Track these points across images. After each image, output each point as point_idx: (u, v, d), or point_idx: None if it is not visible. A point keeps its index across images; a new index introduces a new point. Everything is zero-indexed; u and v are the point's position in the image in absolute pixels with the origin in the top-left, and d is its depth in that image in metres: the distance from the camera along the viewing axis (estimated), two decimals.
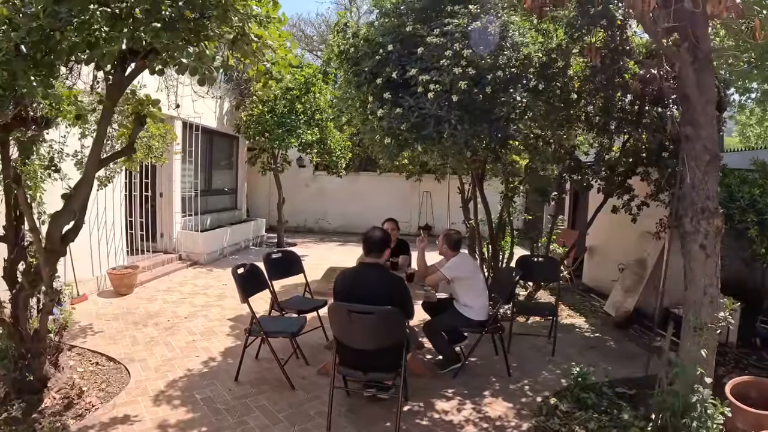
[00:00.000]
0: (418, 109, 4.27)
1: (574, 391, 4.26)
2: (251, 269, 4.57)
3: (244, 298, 4.19)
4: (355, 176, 13.49)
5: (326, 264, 9.25)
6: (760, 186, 5.15)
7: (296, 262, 5.48)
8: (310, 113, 10.21)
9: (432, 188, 14.15)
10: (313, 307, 5.07)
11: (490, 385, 4.59)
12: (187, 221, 9.25)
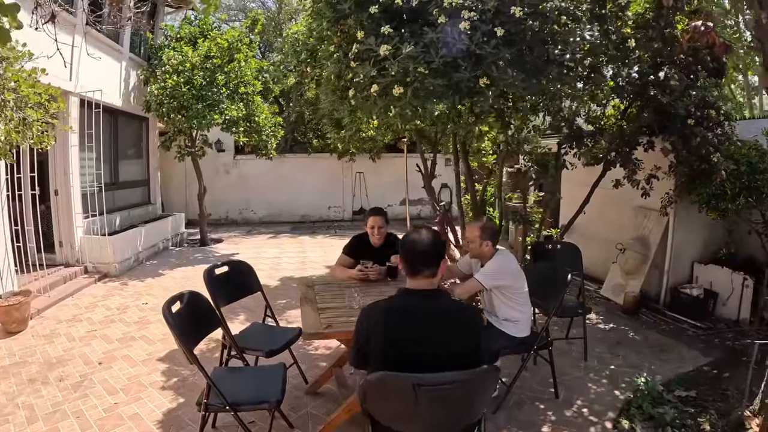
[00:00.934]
0: (445, 46, 2.87)
1: (643, 406, 3.55)
2: (190, 302, 2.82)
3: (189, 356, 2.50)
4: (280, 159, 11.87)
5: (263, 262, 8.14)
6: None
7: (249, 275, 3.84)
8: (234, 86, 8.50)
9: (366, 168, 12.99)
10: (287, 341, 3.41)
11: (542, 414, 3.57)
12: (92, 224, 7.25)
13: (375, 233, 3.84)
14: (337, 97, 4.28)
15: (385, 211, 4.06)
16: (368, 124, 6.03)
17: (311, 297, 3.15)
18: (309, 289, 3.38)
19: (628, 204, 6.33)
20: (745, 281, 5.35)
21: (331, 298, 3.18)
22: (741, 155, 4.99)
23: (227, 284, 3.50)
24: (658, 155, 5.23)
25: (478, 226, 3.42)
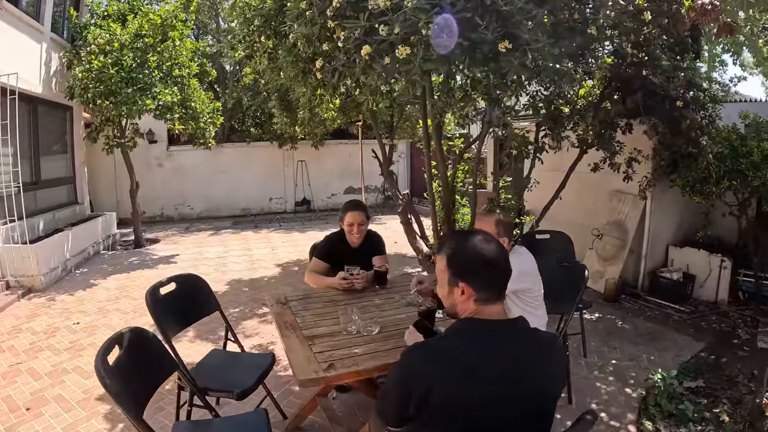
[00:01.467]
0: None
1: (662, 403, 3.29)
2: (133, 345, 2.00)
3: (138, 426, 1.74)
4: (218, 149, 10.87)
5: (207, 263, 7.31)
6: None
7: (203, 292, 3.00)
8: (168, 68, 7.50)
9: (308, 157, 12.25)
10: (259, 376, 2.66)
11: (561, 425, 3.10)
12: (10, 230, 6.13)
13: (354, 231, 3.22)
14: (298, 71, 3.61)
15: (364, 205, 3.45)
16: (328, 105, 5.37)
17: (291, 320, 2.49)
18: (284, 308, 2.71)
19: (602, 188, 6.07)
20: (723, 263, 5.26)
21: (317, 319, 2.54)
22: (722, 138, 4.89)
23: (177, 306, 2.74)
24: (636, 138, 5.05)
25: (492, 220, 2.82)
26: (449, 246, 1.57)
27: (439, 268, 1.57)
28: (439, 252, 1.60)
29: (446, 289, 1.54)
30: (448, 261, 1.52)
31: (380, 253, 3.41)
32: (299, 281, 6.03)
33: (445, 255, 1.54)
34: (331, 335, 2.30)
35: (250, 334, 4.41)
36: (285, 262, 7.04)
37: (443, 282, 1.55)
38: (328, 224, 10.39)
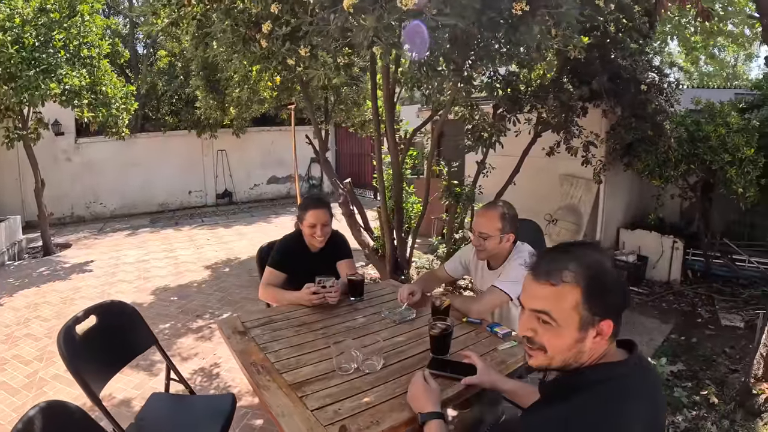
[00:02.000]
0: None
1: None
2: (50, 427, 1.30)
3: None
4: (131, 140, 9.60)
5: (126, 269, 6.17)
6: (723, 125, 4.62)
7: (131, 320, 2.25)
8: (76, 47, 6.32)
9: (228, 146, 11.28)
10: (222, 427, 2.00)
11: None
12: None
13: (318, 234, 2.63)
14: (237, 39, 2.93)
15: (327, 201, 2.87)
16: (266, 82, 4.63)
17: (261, 359, 1.86)
18: (245, 340, 2.06)
19: (553, 173, 5.90)
20: (675, 244, 5.28)
21: (294, 353, 1.92)
22: (679, 123, 4.85)
23: (100, 348, 2.02)
24: (590, 121, 4.85)
25: (497, 214, 2.38)
26: (580, 270, 1.05)
27: (564, 307, 1.05)
28: (552, 279, 1.06)
29: (573, 334, 1.04)
30: (586, 294, 1.03)
31: (346, 256, 2.86)
32: (233, 285, 5.30)
33: (578, 284, 1.03)
34: (324, 378, 1.72)
35: (188, 356, 3.69)
36: (214, 263, 6.22)
37: (567, 323, 1.05)
38: (253, 217, 9.57)
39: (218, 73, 4.99)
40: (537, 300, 1.09)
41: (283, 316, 2.31)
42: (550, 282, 1.06)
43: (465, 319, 2.31)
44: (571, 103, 4.59)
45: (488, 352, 1.99)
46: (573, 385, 1.08)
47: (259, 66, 3.79)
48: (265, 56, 2.98)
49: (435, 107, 5.09)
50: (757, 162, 4.31)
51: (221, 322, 2.24)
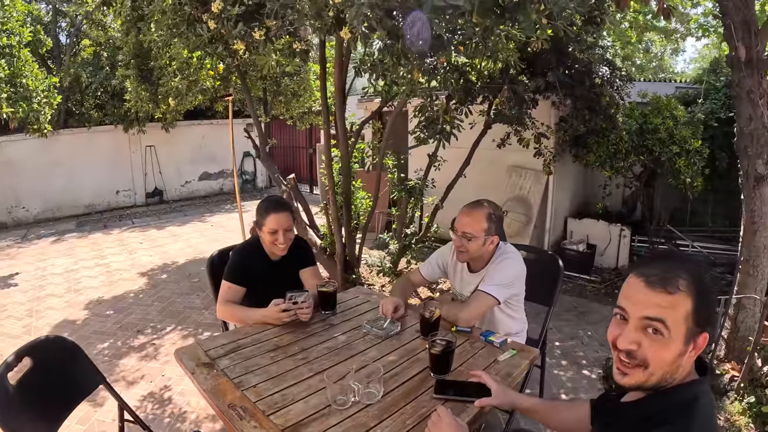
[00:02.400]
0: None
1: None
2: None
3: None
4: (54, 137, 8.62)
5: (55, 281, 5.33)
6: (670, 118, 4.78)
7: (74, 358, 1.84)
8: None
9: (157, 141, 10.46)
10: None
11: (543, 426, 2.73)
12: None
13: (280, 241, 2.31)
14: (181, 20, 2.55)
15: (288, 204, 2.56)
16: (208, 71, 4.18)
17: (239, 398, 1.55)
18: (213, 374, 1.73)
19: (501, 164, 5.88)
20: (622, 231, 5.40)
21: (275, 387, 1.63)
22: (627, 115, 4.97)
23: (39, 396, 1.62)
24: (540, 112, 4.84)
25: (483, 214, 2.20)
26: (692, 279, 0.99)
27: (677, 317, 0.98)
28: (669, 286, 0.98)
29: (680, 346, 0.99)
30: (696, 304, 0.98)
31: (311, 263, 2.58)
32: (173, 294, 4.83)
33: (690, 293, 0.98)
34: (321, 416, 1.45)
35: (134, 380, 3.24)
36: (149, 269, 5.65)
37: (678, 334, 0.98)
38: (186, 216, 8.92)
39: (152, 62, 4.45)
40: (652, 308, 0.99)
41: (252, 339, 1.99)
42: (666, 289, 0.98)
43: (454, 329, 2.13)
44: (524, 96, 4.56)
45: (490, 365, 1.83)
46: (673, 404, 1.00)
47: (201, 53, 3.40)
48: (210, 40, 2.62)
49: (386, 98, 4.87)
50: (703, 153, 4.47)
51: (179, 353, 1.88)
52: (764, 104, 2.62)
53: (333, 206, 4.52)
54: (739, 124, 2.79)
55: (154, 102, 5.10)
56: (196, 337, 3.86)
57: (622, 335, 1.03)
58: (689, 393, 1.01)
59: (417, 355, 1.88)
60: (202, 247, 6.60)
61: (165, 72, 4.25)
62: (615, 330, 1.06)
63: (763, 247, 2.73)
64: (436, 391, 1.59)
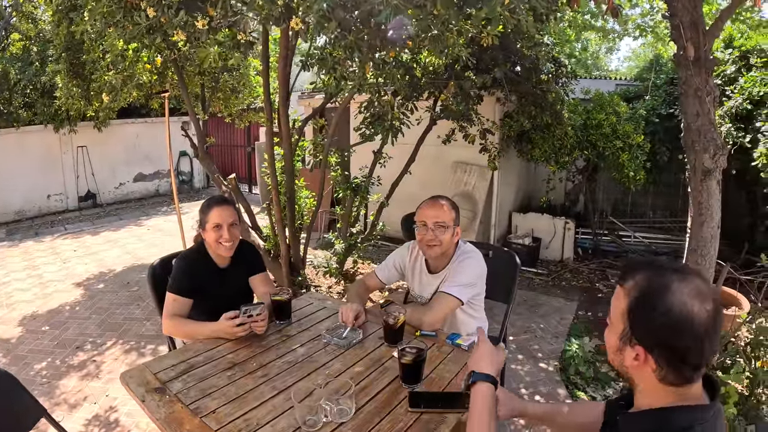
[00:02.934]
0: None
1: (582, 370, 3.27)
2: None
3: None
4: None
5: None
6: (613, 114, 4.92)
7: (11, 391, 1.60)
8: None
9: (89, 141, 9.75)
10: None
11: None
12: None
13: (224, 237, 2.15)
14: (117, 8, 2.30)
15: (232, 200, 2.39)
16: (144, 65, 3.84)
17: (197, 427, 1.38)
18: (169, 401, 1.53)
19: (446, 160, 5.88)
20: (567, 224, 5.53)
21: (237, 411, 1.47)
22: (571, 111, 5.06)
23: None
24: (484, 108, 4.80)
25: (448, 204, 2.20)
26: (639, 283, 0.99)
27: (617, 306, 1.04)
28: (620, 278, 1.04)
29: (616, 340, 1.05)
30: (632, 307, 1.00)
31: (260, 270, 2.43)
32: (112, 305, 4.48)
33: (629, 295, 1.01)
34: None
35: (76, 402, 2.93)
36: (85, 279, 5.21)
37: (615, 325, 1.05)
38: (122, 220, 8.35)
39: (84, 55, 4.04)
40: (613, 297, 1.05)
41: (204, 357, 1.81)
42: (619, 283, 1.03)
43: (418, 333, 2.05)
44: (471, 92, 4.54)
45: (462, 369, 1.75)
46: (666, 428, 0.95)
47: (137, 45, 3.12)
48: (149, 30, 2.38)
49: (334, 92, 4.72)
50: (645, 148, 4.63)
51: (126, 377, 1.67)
52: (710, 101, 2.71)
53: (276, 206, 4.33)
54: (686, 120, 2.87)
55: (86, 99, 4.66)
56: (145, 362, 3.58)
57: None
58: (685, 419, 0.94)
59: (384, 364, 1.79)
60: (140, 253, 6.19)
61: (98, 66, 3.88)
62: None
63: (710, 237, 2.84)
64: (411, 404, 1.50)
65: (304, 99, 7.42)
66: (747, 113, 4.22)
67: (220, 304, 2.11)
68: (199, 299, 2.17)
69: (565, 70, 4.56)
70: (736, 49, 4.63)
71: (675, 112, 5.05)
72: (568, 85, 4.66)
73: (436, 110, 4.70)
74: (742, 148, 4.03)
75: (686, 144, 2.90)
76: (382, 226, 5.02)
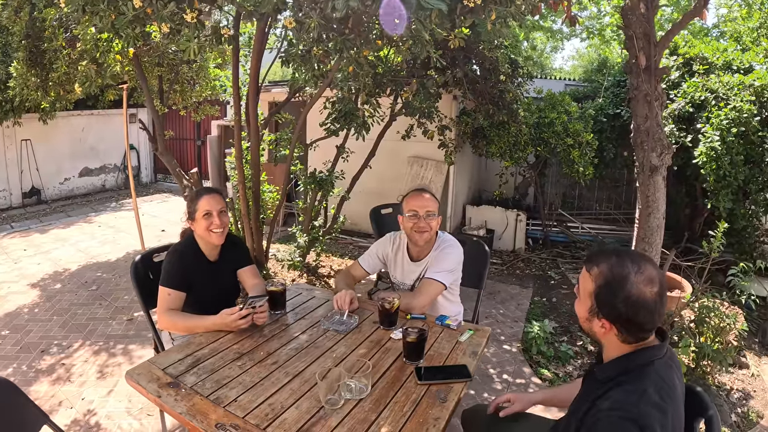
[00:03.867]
0: None
1: (543, 349, 3.48)
2: None
3: None
4: None
5: None
6: (564, 113, 5.17)
7: (13, 400, 1.50)
8: None
9: (33, 134, 9.09)
10: None
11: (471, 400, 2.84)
12: None
13: (215, 224, 2.17)
14: None
15: (219, 189, 2.39)
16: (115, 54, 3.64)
17: (226, 418, 1.39)
18: (186, 394, 1.53)
19: (402, 155, 6.00)
20: (519, 217, 5.78)
21: (258, 398, 1.51)
22: (525, 110, 5.25)
23: None
24: (441, 105, 4.91)
25: (430, 193, 2.38)
26: (603, 272, 1.24)
27: (585, 287, 1.29)
28: (586, 265, 1.29)
29: (584, 312, 1.30)
30: (597, 291, 1.26)
31: (249, 262, 2.47)
32: (72, 305, 4.27)
33: (593, 281, 1.26)
34: (319, 419, 1.38)
35: (52, 408, 2.77)
36: (40, 279, 4.89)
37: (583, 300, 1.30)
38: (70, 217, 7.86)
39: (45, 44, 3.75)
40: (581, 276, 1.29)
41: (210, 350, 1.82)
42: (585, 266, 1.25)
43: (409, 317, 2.16)
44: (432, 90, 4.66)
45: (455, 347, 1.90)
46: (630, 367, 1.18)
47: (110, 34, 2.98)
48: (132, 21, 2.31)
49: (296, 88, 4.70)
50: (593, 145, 4.93)
51: (132, 375, 1.64)
52: (658, 105, 2.97)
53: (243, 200, 4.27)
54: (635, 121, 3.13)
55: (43, 89, 4.34)
56: (149, 359, 3.44)
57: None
58: (644, 357, 1.18)
59: (384, 345, 1.88)
60: (93, 251, 5.88)
61: (59, 55, 3.63)
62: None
63: (656, 227, 3.11)
64: (420, 378, 1.62)
65: (261, 92, 7.28)
66: (688, 115, 4.58)
67: (207, 298, 2.16)
68: (191, 293, 2.16)
69: (521, 71, 4.76)
70: (680, 56, 5.00)
71: (621, 113, 5.43)
72: (523, 85, 4.88)
73: (394, 108, 4.79)
74: (683, 147, 4.39)
75: (635, 143, 3.16)
76: (343, 219, 5.07)
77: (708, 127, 4.19)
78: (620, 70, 5.99)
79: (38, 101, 5.50)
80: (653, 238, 3.14)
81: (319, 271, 5.11)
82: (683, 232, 5.09)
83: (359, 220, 5.73)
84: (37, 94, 4.40)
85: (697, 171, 4.22)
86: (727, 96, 4.34)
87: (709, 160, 4.06)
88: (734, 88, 4.34)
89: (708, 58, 4.89)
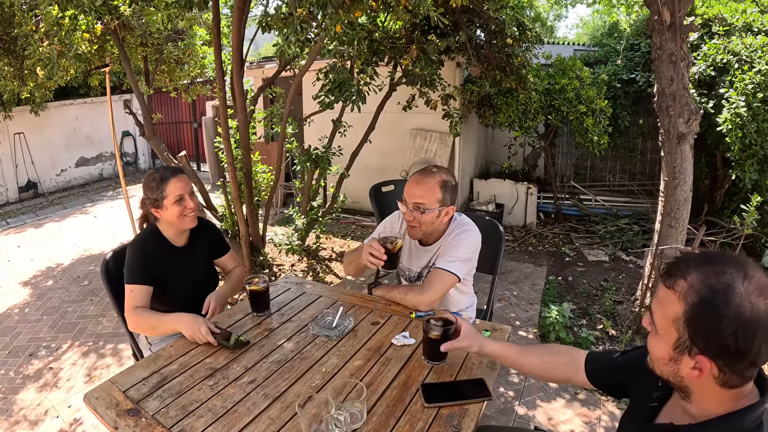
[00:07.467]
0: None
1: (562, 335, 3.21)
2: None
3: None
4: None
5: None
6: (576, 79, 4.79)
7: None
8: None
9: (26, 127, 8.84)
10: None
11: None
12: None
13: (189, 207, 1.92)
14: None
15: (180, 167, 2.12)
16: (83, 34, 3.33)
17: None
18: (146, 424, 1.28)
19: (404, 127, 5.66)
20: (529, 190, 5.47)
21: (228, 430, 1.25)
22: (535, 76, 4.87)
23: None
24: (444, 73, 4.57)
25: (436, 182, 1.91)
26: (695, 287, 0.82)
27: (666, 314, 0.87)
28: (666, 281, 0.86)
29: (667, 350, 0.89)
30: (690, 315, 0.83)
31: (226, 248, 2.25)
32: (63, 303, 4.06)
33: (684, 300, 0.84)
34: None
35: (37, 417, 2.58)
36: (32, 277, 4.69)
37: (664, 334, 0.88)
38: (66, 209, 7.64)
39: (15, 29, 3.44)
40: (655, 299, 0.90)
41: (179, 365, 1.54)
42: (665, 283, 0.86)
43: (413, 315, 1.86)
44: (433, 57, 4.30)
45: (470, 354, 1.58)
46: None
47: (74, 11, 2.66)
48: None
49: (287, 60, 4.36)
50: (607, 112, 4.58)
51: (90, 398, 1.38)
52: (684, 66, 2.62)
53: (234, 183, 3.98)
54: (660, 84, 2.78)
55: (19, 78, 4.03)
56: (111, 377, 3.23)
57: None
58: (751, 421, 0.82)
59: (385, 353, 1.60)
60: (88, 244, 5.67)
61: (31, 40, 3.32)
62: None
63: (684, 200, 2.80)
64: (427, 399, 1.32)
65: (253, 69, 6.94)
66: (710, 80, 4.22)
67: (182, 291, 1.95)
68: (162, 287, 1.91)
69: (529, 34, 4.38)
70: (699, 16, 4.60)
71: (636, 77, 5.03)
72: (531, 50, 4.51)
73: (393, 77, 4.44)
74: (705, 114, 4.05)
75: (660, 108, 2.82)
76: (343, 198, 4.76)
77: (732, 92, 3.82)
78: (634, 32, 5.57)
79: (16, 91, 5.20)
80: (680, 212, 2.82)
81: (320, 254, 4.85)
82: (702, 204, 4.75)
83: (361, 197, 5.41)
84: (14, 84, 4.10)
85: (719, 139, 3.86)
86: (751, 59, 3.96)
87: (735, 128, 3.70)
88: (758, 50, 3.96)
89: (727, 18, 4.49)
